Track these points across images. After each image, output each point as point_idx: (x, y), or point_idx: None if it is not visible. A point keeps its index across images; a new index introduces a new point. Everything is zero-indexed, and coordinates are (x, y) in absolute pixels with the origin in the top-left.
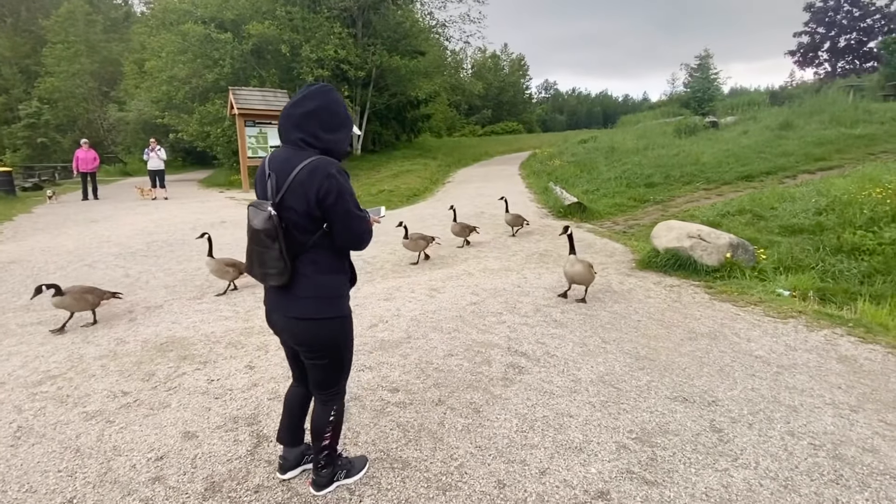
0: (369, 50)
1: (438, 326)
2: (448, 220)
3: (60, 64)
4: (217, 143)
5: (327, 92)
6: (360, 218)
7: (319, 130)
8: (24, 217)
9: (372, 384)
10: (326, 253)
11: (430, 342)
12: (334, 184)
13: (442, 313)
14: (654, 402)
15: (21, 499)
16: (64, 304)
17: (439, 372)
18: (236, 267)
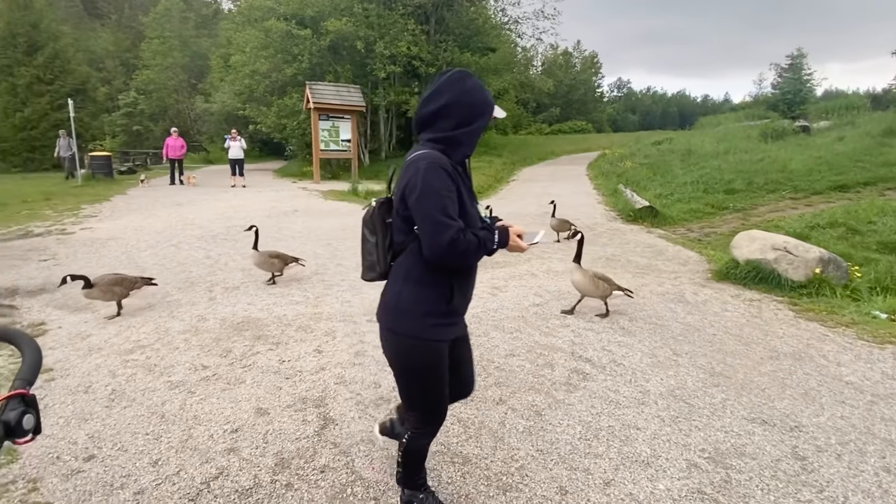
0: (441, 46)
1: (500, 325)
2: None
3: (156, 57)
4: (292, 136)
5: (459, 81)
6: (441, 225)
7: (452, 126)
8: (120, 198)
9: None
10: (418, 259)
11: (491, 340)
12: (418, 179)
13: (504, 312)
14: (730, 422)
15: (113, 455)
16: (93, 296)
17: (500, 371)
18: (280, 258)
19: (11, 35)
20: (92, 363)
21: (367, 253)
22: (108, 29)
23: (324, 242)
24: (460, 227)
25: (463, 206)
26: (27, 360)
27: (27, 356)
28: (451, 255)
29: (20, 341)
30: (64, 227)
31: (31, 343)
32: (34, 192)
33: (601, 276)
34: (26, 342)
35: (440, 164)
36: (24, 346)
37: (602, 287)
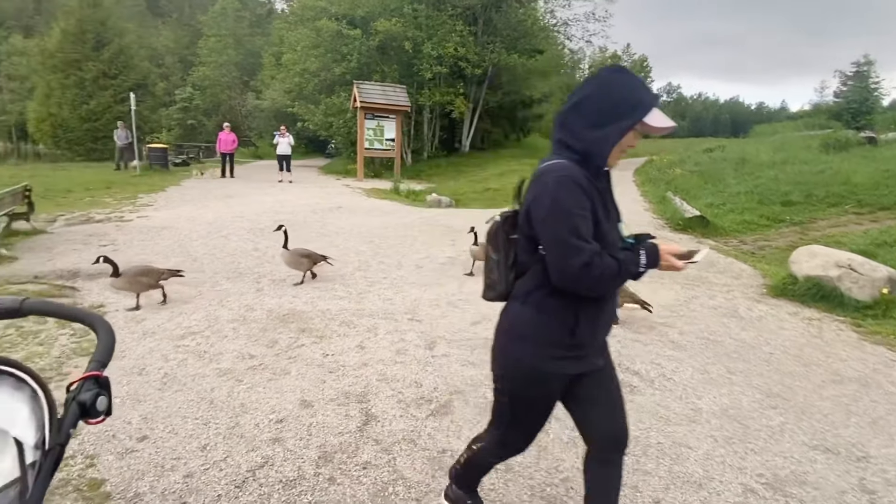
0: (488, 48)
1: None
2: None
3: (211, 55)
4: (338, 134)
5: (606, 74)
6: (572, 249)
7: (583, 127)
8: (174, 189)
9: (475, 380)
10: (540, 281)
11: None
12: (546, 193)
13: None
14: (790, 447)
15: (164, 438)
16: (118, 285)
17: None
18: (310, 258)
19: (81, 31)
20: (146, 346)
21: (489, 271)
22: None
23: (366, 240)
24: (595, 250)
25: (598, 225)
26: (102, 342)
27: (102, 338)
28: (584, 281)
29: (95, 324)
30: (122, 214)
31: (105, 326)
32: (96, 181)
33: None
34: (101, 324)
35: (572, 179)
36: (99, 328)
37: (620, 301)
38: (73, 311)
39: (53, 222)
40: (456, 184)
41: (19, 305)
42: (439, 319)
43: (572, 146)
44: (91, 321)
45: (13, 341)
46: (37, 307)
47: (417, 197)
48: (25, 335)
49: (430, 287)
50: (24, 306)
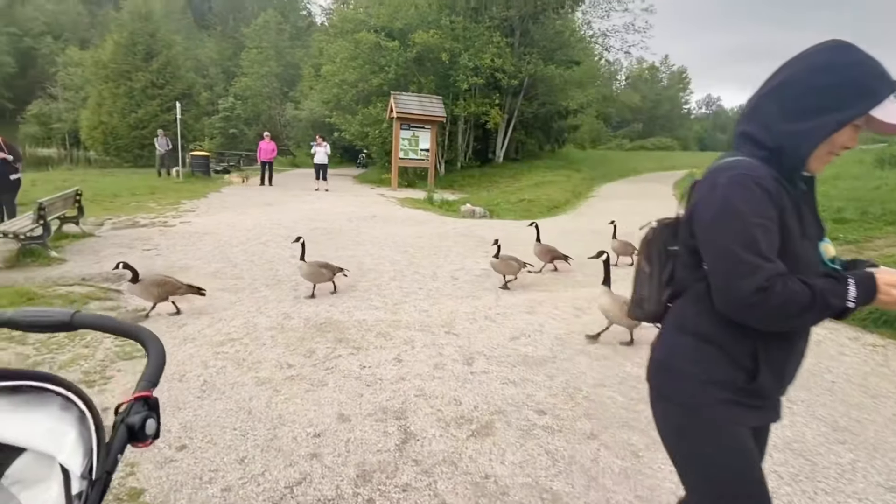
0: (524, 59)
1: (585, 350)
2: (592, 238)
3: (253, 66)
4: (373, 143)
5: (820, 50)
6: (744, 266)
7: (779, 117)
8: (215, 195)
9: (517, 401)
10: (701, 306)
11: (577, 366)
12: (715, 194)
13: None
14: (863, 488)
15: (203, 448)
16: (133, 291)
17: (589, 401)
18: (329, 268)
19: (133, 43)
20: (186, 352)
21: (639, 285)
22: (213, 39)
23: (401, 249)
24: (777, 271)
25: (789, 240)
26: (152, 360)
27: (152, 356)
28: (757, 311)
29: (146, 340)
30: (166, 219)
31: (156, 343)
32: (141, 186)
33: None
34: (152, 341)
35: (753, 178)
36: (149, 345)
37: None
38: (123, 326)
39: (101, 226)
40: (489, 194)
41: (70, 319)
42: (477, 334)
43: (760, 141)
44: (142, 337)
45: (61, 343)
46: (87, 321)
47: (451, 207)
48: (73, 336)
49: (466, 299)
50: (74, 320)
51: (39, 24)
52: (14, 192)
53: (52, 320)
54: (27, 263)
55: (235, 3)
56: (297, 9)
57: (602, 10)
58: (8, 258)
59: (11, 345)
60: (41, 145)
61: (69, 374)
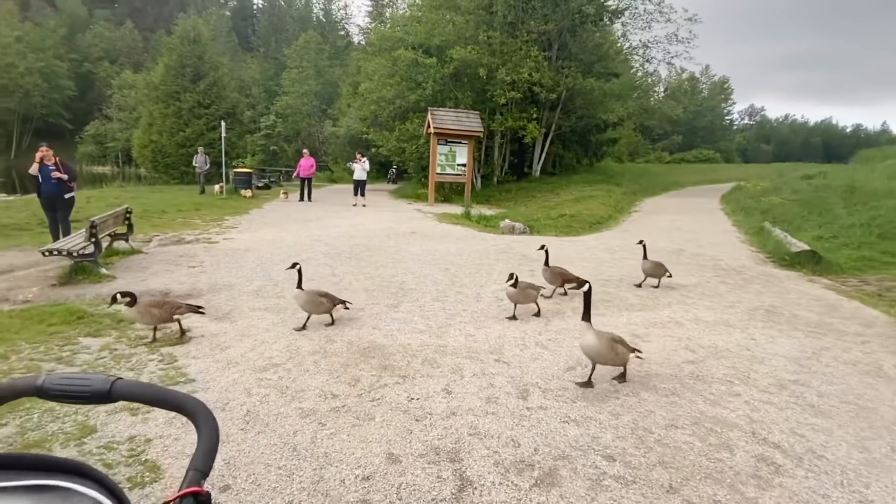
0: (562, 72)
1: (649, 384)
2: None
3: (293, 85)
4: (410, 159)
5: None
6: None
7: None
8: (257, 211)
9: (581, 443)
10: None
11: (643, 403)
12: None
13: (651, 368)
14: None
15: (247, 489)
16: (131, 315)
17: (663, 446)
18: (329, 298)
19: (182, 66)
20: (229, 378)
21: None
22: (256, 60)
23: (442, 268)
24: None
25: None
26: (203, 441)
27: (203, 435)
28: None
29: (197, 415)
30: (209, 236)
31: (208, 419)
32: (187, 202)
33: (618, 338)
34: (203, 417)
35: None
36: (200, 421)
37: (620, 352)
38: (171, 398)
39: (149, 242)
40: (527, 209)
41: (109, 389)
42: (529, 362)
43: None
44: (192, 411)
45: (106, 365)
46: (128, 391)
47: (489, 222)
48: (118, 359)
49: (513, 323)
50: (113, 390)
51: (98, 50)
52: (69, 209)
53: (88, 390)
54: (79, 280)
55: (277, 25)
56: (336, 29)
57: (643, 21)
58: (61, 275)
59: (60, 366)
60: (97, 163)
61: None
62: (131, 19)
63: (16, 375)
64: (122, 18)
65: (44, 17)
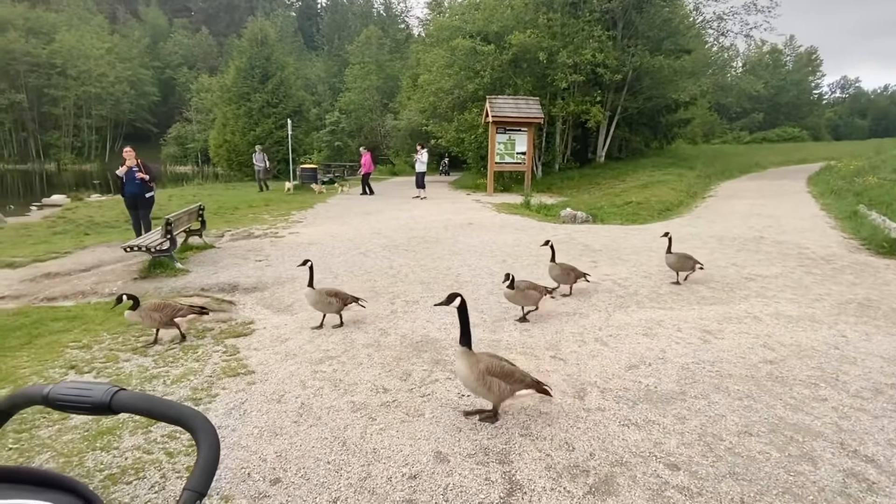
0: (628, 51)
1: (722, 386)
2: (716, 244)
3: (356, 81)
4: (468, 149)
5: None
6: None
7: None
8: (321, 206)
9: (642, 449)
10: None
11: (713, 407)
12: None
13: (724, 367)
14: None
15: (296, 483)
16: (133, 318)
17: (735, 455)
18: (339, 297)
19: (251, 67)
20: (286, 370)
21: None
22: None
23: (499, 259)
24: None
25: None
26: (202, 458)
27: (203, 452)
28: None
29: (198, 430)
30: (276, 230)
31: (209, 434)
32: (257, 199)
33: (497, 370)
34: (204, 432)
35: None
36: (200, 437)
37: (496, 389)
38: (172, 411)
39: (221, 237)
40: (591, 197)
41: (109, 401)
42: (587, 360)
43: None
44: (192, 426)
45: (175, 356)
46: (129, 403)
47: (550, 212)
48: (186, 350)
49: (572, 317)
50: (114, 402)
51: (177, 57)
52: (150, 207)
53: (89, 401)
54: (157, 274)
55: (340, 22)
56: (396, 23)
57: None
58: (141, 269)
59: (135, 356)
60: (179, 163)
61: (178, 390)
62: (206, 26)
63: (37, 383)
64: (198, 25)
65: (129, 29)
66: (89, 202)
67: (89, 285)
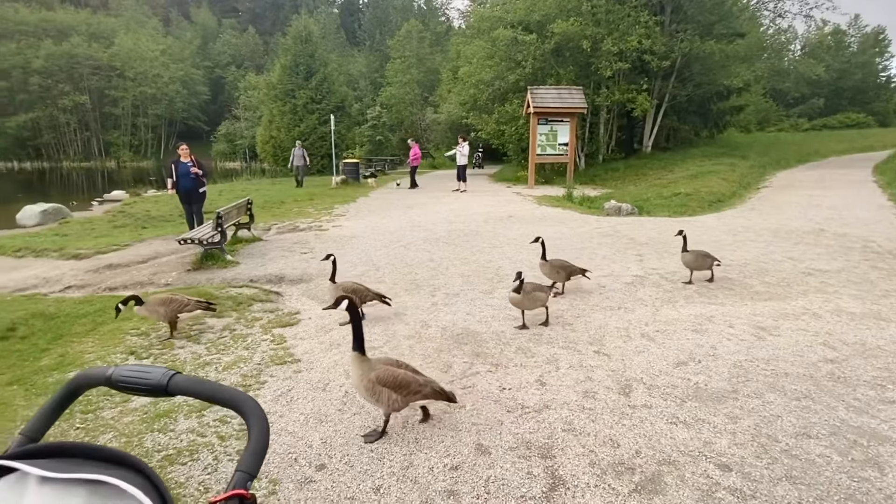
0: (677, 37)
1: (777, 385)
2: (771, 237)
3: (397, 75)
4: (509, 141)
5: None
6: None
7: None
8: (363, 200)
9: (691, 448)
10: None
11: (768, 406)
12: None
13: (780, 366)
14: None
15: (341, 470)
16: (142, 313)
17: (791, 458)
18: (358, 294)
19: (295, 64)
20: (331, 359)
21: None
22: (362, 54)
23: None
24: None
25: None
26: (253, 441)
27: (254, 436)
28: None
29: (248, 414)
30: (321, 224)
31: (259, 418)
32: (302, 193)
33: (391, 380)
34: (254, 416)
35: None
36: (251, 420)
37: (385, 399)
38: (224, 394)
39: (268, 231)
40: (636, 189)
41: (166, 383)
42: (633, 355)
43: None
44: (244, 409)
45: (227, 344)
46: (185, 386)
47: (593, 204)
48: (236, 338)
49: (616, 311)
50: (171, 384)
51: (226, 57)
52: (202, 202)
53: (148, 383)
54: (208, 266)
55: (381, 17)
56: (437, 15)
57: None
58: (194, 261)
59: (189, 343)
60: (228, 160)
61: (229, 376)
62: (253, 25)
63: (97, 365)
64: (245, 25)
65: (181, 31)
66: (146, 197)
67: (146, 276)
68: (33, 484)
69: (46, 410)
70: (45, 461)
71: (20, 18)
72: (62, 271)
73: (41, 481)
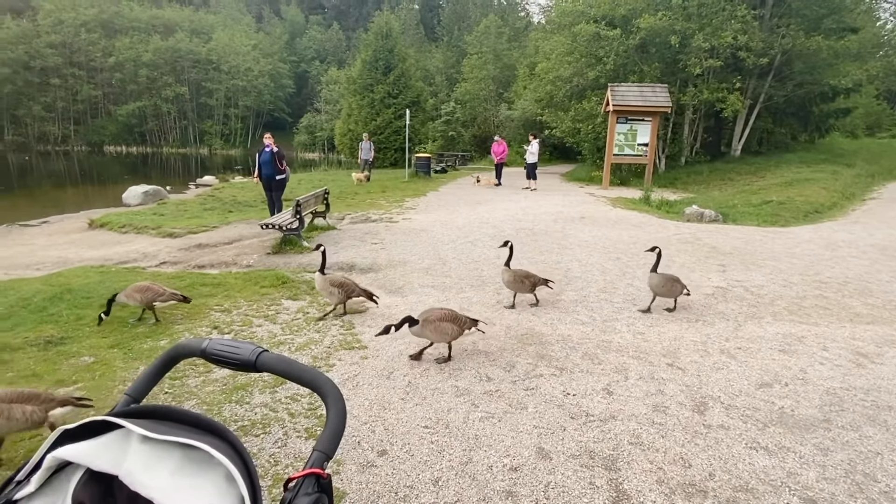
0: (777, 32)
1: (878, 418)
2: (877, 254)
3: (472, 71)
4: (584, 140)
5: None
6: None
7: None
8: (433, 194)
9: (773, 477)
10: None
11: (866, 441)
12: None
13: (882, 398)
14: None
15: (401, 458)
16: (121, 300)
17: (893, 502)
18: (343, 288)
19: (375, 60)
20: (396, 348)
21: None
22: (440, 49)
23: (612, 256)
24: None
25: None
26: (330, 423)
27: (331, 418)
28: None
29: (327, 395)
30: (391, 216)
31: (337, 400)
32: (375, 185)
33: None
34: (333, 398)
35: None
36: (330, 402)
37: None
38: (306, 375)
39: (342, 220)
40: (722, 194)
41: (255, 360)
42: (710, 372)
43: None
44: (323, 391)
45: (300, 325)
46: (271, 364)
47: (672, 208)
48: (308, 321)
49: (693, 324)
50: (258, 361)
51: (311, 52)
52: (282, 189)
53: (238, 358)
54: (286, 250)
55: (460, 13)
56: (516, 10)
57: None
58: (273, 245)
59: (266, 323)
60: (308, 151)
61: (301, 357)
62: (337, 21)
63: (185, 336)
64: (330, 21)
65: (272, 27)
66: (234, 183)
67: (231, 256)
68: (136, 441)
69: (148, 374)
70: (146, 421)
71: (134, 15)
72: (158, 248)
73: (142, 440)
